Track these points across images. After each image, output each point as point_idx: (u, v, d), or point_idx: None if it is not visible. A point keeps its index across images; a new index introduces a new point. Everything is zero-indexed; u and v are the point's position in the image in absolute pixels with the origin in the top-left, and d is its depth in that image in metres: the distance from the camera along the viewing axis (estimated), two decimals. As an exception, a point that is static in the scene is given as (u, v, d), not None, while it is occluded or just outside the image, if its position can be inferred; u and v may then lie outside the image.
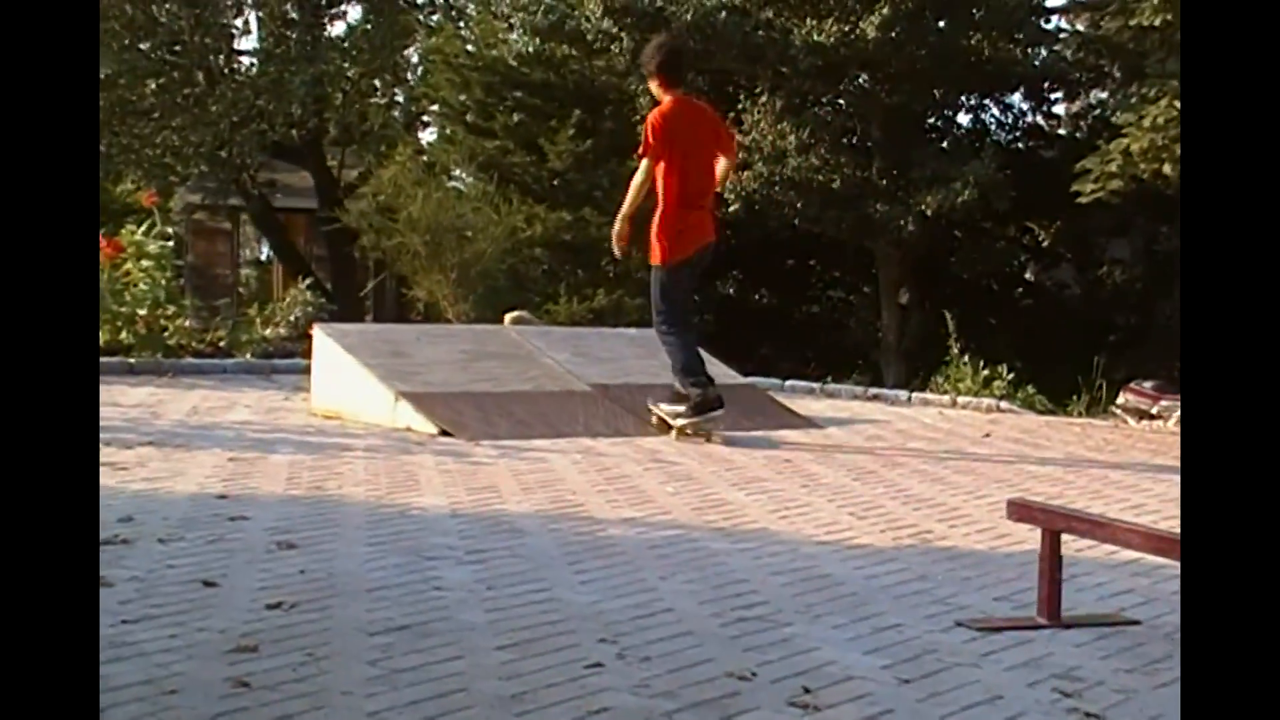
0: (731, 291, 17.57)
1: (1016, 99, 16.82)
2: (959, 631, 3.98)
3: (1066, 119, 17.26)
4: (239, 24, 22.71)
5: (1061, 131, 17.11)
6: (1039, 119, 17.10)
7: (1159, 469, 7.44)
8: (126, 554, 4.44)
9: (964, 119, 17.03)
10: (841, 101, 15.65)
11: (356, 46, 22.34)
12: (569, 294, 15.90)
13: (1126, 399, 10.24)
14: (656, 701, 3.25)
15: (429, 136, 22.53)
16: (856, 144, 15.75)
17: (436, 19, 22.50)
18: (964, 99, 16.60)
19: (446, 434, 7.54)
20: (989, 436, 8.76)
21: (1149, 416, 9.92)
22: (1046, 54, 15.86)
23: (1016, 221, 16.66)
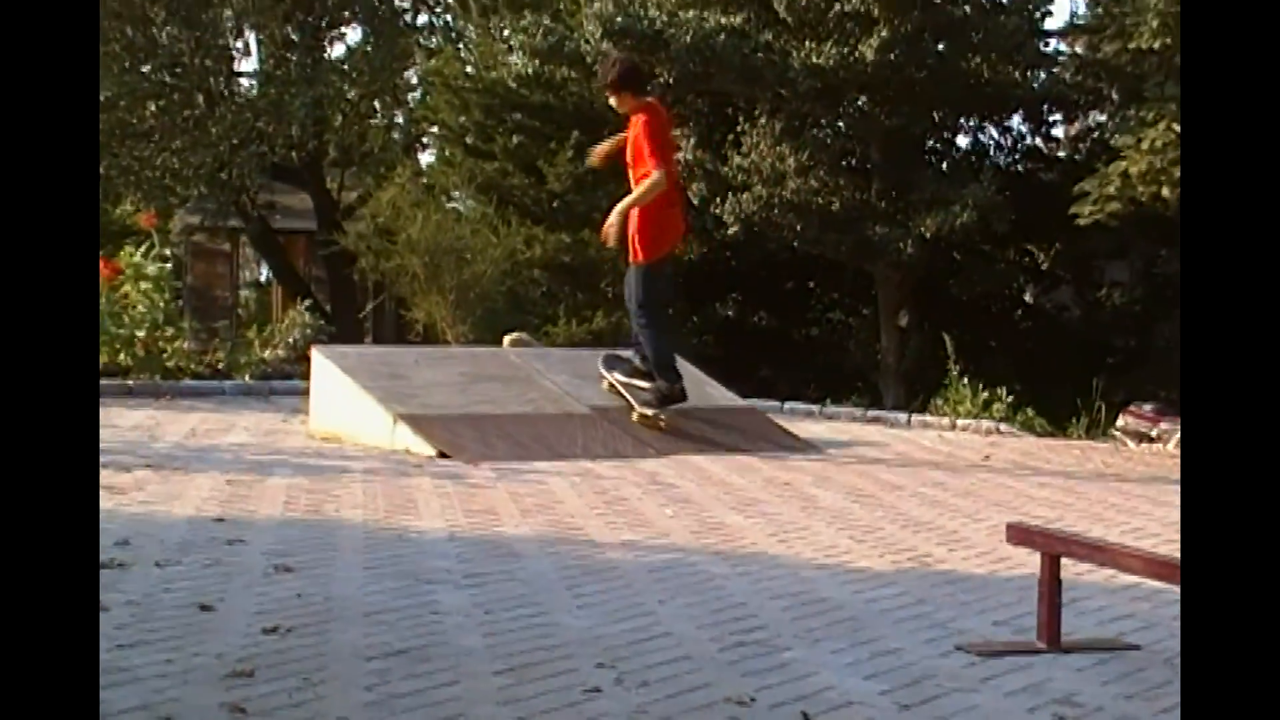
0: (731, 313, 17.54)
1: (1016, 121, 16.79)
2: (958, 656, 3.97)
3: (1065, 141, 17.25)
4: (239, 46, 22.75)
5: (1061, 154, 17.10)
6: (1038, 141, 17.08)
7: (1159, 492, 7.43)
8: (123, 578, 4.43)
9: (963, 141, 17.02)
10: (841, 124, 15.64)
11: (356, 68, 22.36)
12: (568, 316, 15.88)
13: (1126, 421, 10.23)
14: (654, 727, 3.24)
15: (428, 158, 22.56)
16: (856, 166, 15.73)
17: (436, 41, 22.53)
18: (963, 121, 16.59)
19: (445, 456, 7.53)
20: (988, 459, 8.75)
21: (1148, 439, 9.91)
22: (1045, 77, 15.86)
23: (1016, 244, 16.64)
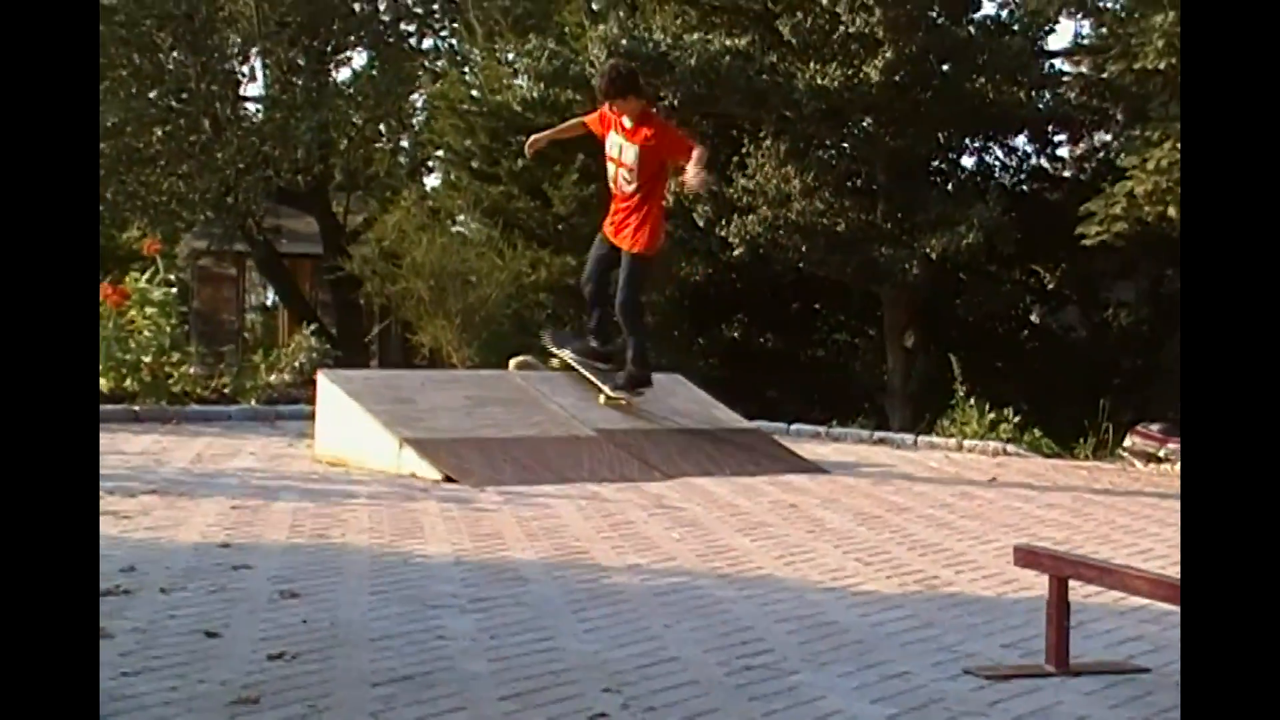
0: (736, 335, 17.53)
1: (1021, 141, 16.82)
2: (966, 680, 3.95)
3: (1071, 161, 17.26)
4: (245, 71, 22.82)
5: (1066, 174, 17.11)
6: (1043, 161, 17.09)
7: (1167, 513, 7.40)
8: (128, 604, 4.41)
9: (968, 162, 17.04)
10: (846, 145, 15.65)
11: (362, 93, 22.45)
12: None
13: (1133, 442, 10.21)
14: (661, 753, 3.22)
15: (433, 182, 22.60)
16: (861, 187, 15.74)
17: (441, 65, 22.59)
18: (968, 142, 16.62)
19: (451, 480, 7.52)
20: (995, 480, 8.73)
21: (1156, 459, 9.89)
22: (1050, 97, 15.87)
23: (1021, 264, 16.65)
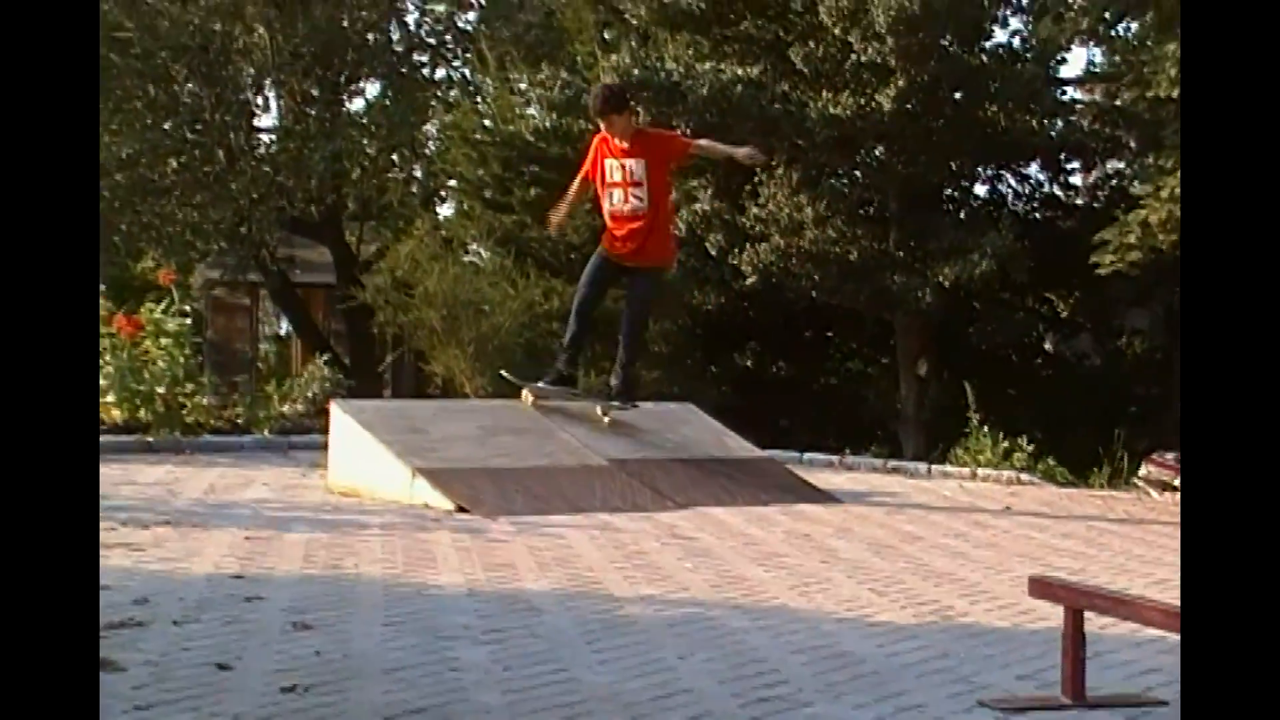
0: (749, 364, 17.52)
1: (1034, 169, 16.80)
2: (982, 712, 3.92)
3: (1084, 189, 17.25)
4: (259, 102, 22.89)
5: (1079, 201, 17.09)
6: (1056, 189, 17.07)
7: (1183, 542, 7.35)
8: (141, 636, 4.41)
9: (981, 190, 17.03)
10: (858, 173, 15.66)
11: (375, 122, 22.49)
12: (586, 368, 15.88)
13: (1149, 470, 10.15)
14: (675, 786, 3.20)
15: (446, 211, 22.63)
16: (874, 215, 15.73)
17: (454, 95, 22.65)
18: (981, 170, 16.61)
19: (463, 510, 7.51)
20: (1009, 509, 8.70)
21: (1172, 488, 9.84)
22: (1063, 125, 15.86)
23: (1035, 292, 16.62)
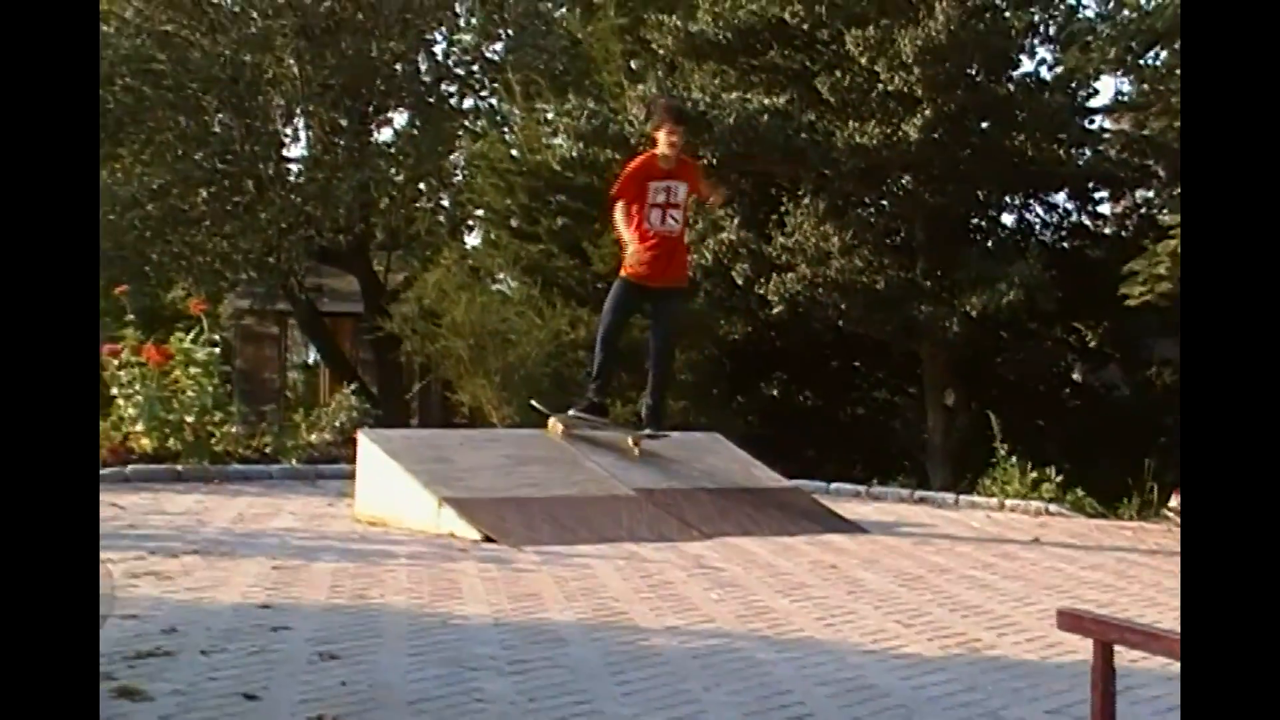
0: (776, 393, 17.49)
1: (1061, 199, 16.76)
2: (1010, 746, 3.90)
3: (1112, 218, 17.19)
4: (288, 132, 23.05)
5: (1107, 231, 17.03)
6: (1084, 219, 17.02)
7: (1213, 574, 7.30)
8: (169, 666, 4.42)
9: (1008, 219, 17.00)
10: (885, 203, 15.64)
11: (403, 152, 22.62)
12: (613, 397, 15.88)
13: (1179, 502, 10.10)
14: (700, 820, 3.19)
15: (474, 240, 22.71)
16: (900, 245, 15.72)
17: (481, 125, 22.75)
18: (1008, 199, 16.58)
19: (490, 540, 7.51)
20: (1038, 541, 8.66)
21: (1201, 519, 9.77)
22: (1090, 154, 15.83)
23: (1063, 322, 16.55)
